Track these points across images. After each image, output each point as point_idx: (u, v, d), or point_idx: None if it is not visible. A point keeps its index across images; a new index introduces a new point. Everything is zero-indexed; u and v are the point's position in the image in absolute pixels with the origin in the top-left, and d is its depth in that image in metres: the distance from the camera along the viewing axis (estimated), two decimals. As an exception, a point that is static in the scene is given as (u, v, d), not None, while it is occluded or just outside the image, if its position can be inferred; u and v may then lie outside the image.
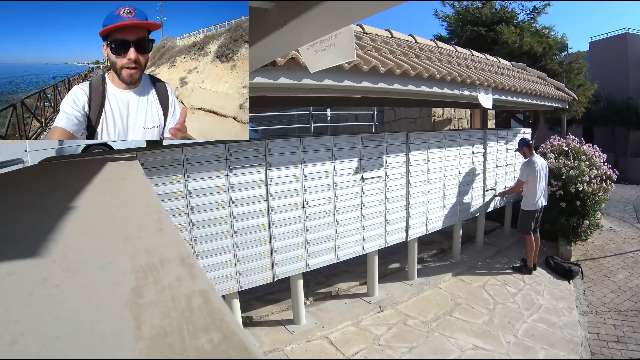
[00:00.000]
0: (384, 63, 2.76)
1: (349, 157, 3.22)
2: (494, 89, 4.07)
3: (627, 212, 7.47)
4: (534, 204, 4.30)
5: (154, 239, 0.56)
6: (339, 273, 4.10)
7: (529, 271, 4.36)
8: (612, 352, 3.09)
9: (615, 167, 5.42)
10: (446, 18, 10.26)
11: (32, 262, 0.46)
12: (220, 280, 2.63)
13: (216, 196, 2.58)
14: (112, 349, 0.28)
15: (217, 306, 0.34)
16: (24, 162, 5.09)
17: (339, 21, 1.22)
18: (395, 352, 2.92)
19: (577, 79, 8.49)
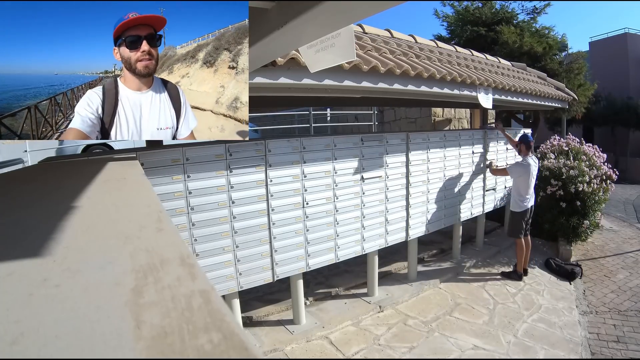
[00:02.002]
0: (384, 63, 2.76)
1: (349, 157, 3.22)
2: (494, 89, 4.07)
3: (627, 212, 7.47)
4: (524, 204, 4.20)
5: (154, 239, 0.56)
6: (339, 273, 4.10)
7: (518, 277, 4.23)
8: (612, 352, 3.09)
9: (615, 167, 5.42)
10: (446, 18, 10.26)
11: (32, 262, 0.46)
12: (220, 280, 2.63)
13: (216, 196, 2.58)
14: (112, 349, 0.28)
15: (217, 306, 0.34)
16: (24, 162, 5.08)
17: (339, 21, 1.22)
18: (395, 352, 2.92)
19: (577, 79, 8.49)
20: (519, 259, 4.26)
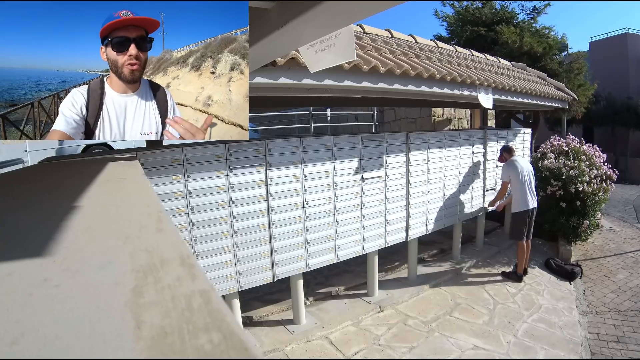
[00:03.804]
0: (384, 63, 2.76)
1: (349, 157, 3.22)
2: (494, 89, 4.07)
3: (627, 212, 7.47)
4: (524, 203, 4.14)
5: (154, 239, 0.56)
6: (339, 273, 4.10)
7: (518, 278, 4.21)
8: (612, 352, 3.09)
9: (615, 167, 5.42)
10: (446, 18, 10.26)
11: (32, 262, 0.46)
12: (220, 280, 2.63)
13: (216, 196, 2.58)
14: (112, 349, 0.28)
15: (217, 306, 0.34)
16: (24, 162, 5.08)
17: (339, 21, 1.22)
18: (395, 352, 2.92)
19: (577, 79, 8.49)
20: (520, 261, 4.24)
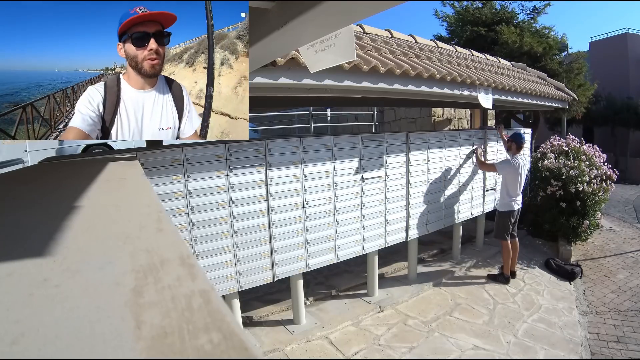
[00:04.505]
0: (384, 63, 2.76)
1: (349, 157, 3.22)
2: (494, 89, 4.07)
3: (627, 212, 7.47)
4: (510, 204, 4.10)
5: (154, 239, 0.56)
6: (339, 273, 4.10)
7: (505, 280, 4.13)
8: (612, 352, 3.09)
9: (615, 167, 5.42)
10: (446, 18, 10.25)
11: (32, 262, 0.46)
12: (220, 280, 2.63)
13: (216, 196, 2.58)
14: (112, 349, 0.28)
15: (217, 306, 0.34)
16: (24, 162, 5.08)
17: (339, 21, 1.22)
18: (395, 352, 2.92)
19: (577, 79, 8.49)
20: (505, 262, 4.18)
